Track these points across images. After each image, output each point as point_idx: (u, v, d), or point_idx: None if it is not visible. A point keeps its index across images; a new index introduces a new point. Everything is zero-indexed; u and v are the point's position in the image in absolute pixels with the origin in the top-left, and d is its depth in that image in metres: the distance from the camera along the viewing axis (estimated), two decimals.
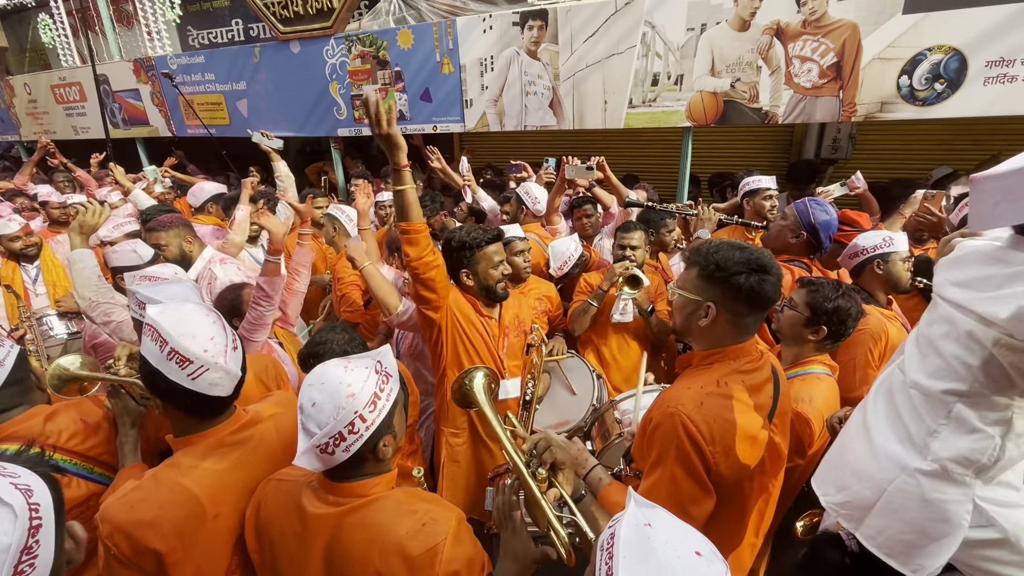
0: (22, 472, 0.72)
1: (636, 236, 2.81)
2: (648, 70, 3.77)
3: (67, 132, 7.54)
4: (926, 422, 0.96)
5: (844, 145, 5.46)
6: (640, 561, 0.73)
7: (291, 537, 1.17)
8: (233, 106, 5.89)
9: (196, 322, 1.20)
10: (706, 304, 1.31)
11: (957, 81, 3.03)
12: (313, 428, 1.06)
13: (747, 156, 5.96)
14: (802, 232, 2.53)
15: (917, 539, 0.95)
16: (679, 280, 1.41)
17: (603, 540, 0.81)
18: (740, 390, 1.29)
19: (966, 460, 0.90)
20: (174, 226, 2.90)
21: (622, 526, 0.78)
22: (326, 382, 1.09)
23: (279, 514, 1.20)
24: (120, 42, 6.89)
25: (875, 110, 3.26)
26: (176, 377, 1.16)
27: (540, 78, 4.16)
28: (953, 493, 0.90)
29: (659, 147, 6.12)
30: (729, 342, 1.34)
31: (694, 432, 1.21)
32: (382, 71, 4.79)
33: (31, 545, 0.67)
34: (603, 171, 3.31)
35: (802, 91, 3.40)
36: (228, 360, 1.22)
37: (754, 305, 1.29)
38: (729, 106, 3.63)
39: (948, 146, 5.09)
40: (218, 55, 5.78)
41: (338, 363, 1.13)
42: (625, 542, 0.76)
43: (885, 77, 3.18)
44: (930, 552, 0.93)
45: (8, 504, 0.66)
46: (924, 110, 3.16)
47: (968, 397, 0.91)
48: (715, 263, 1.29)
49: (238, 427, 1.33)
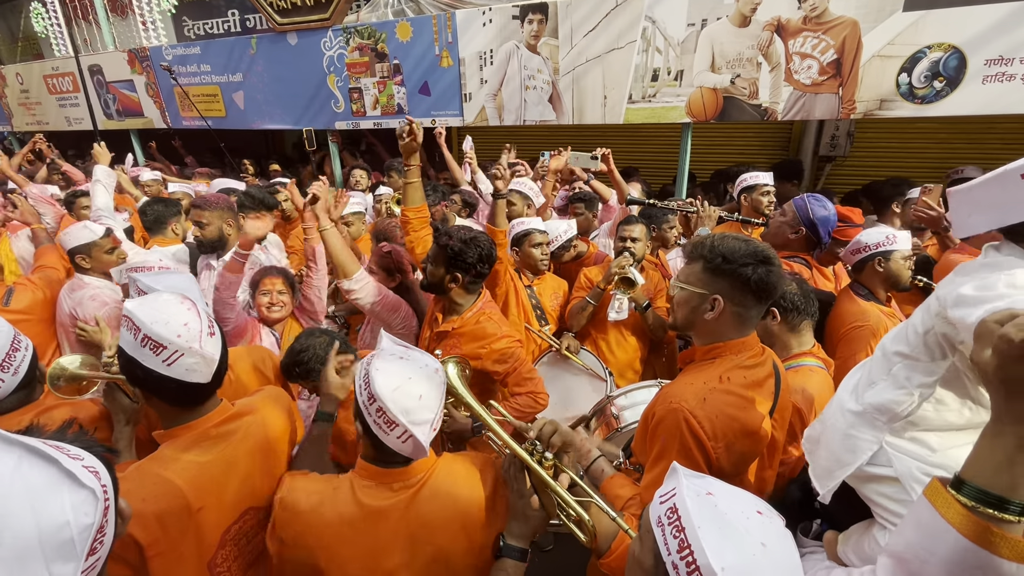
0: (84, 454, 0.75)
1: (637, 229, 2.82)
2: (648, 65, 3.76)
3: (60, 123, 7.47)
4: (871, 376, 1.13)
5: (843, 143, 5.48)
6: (721, 529, 0.75)
7: (358, 533, 1.20)
8: (229, 98, 5.84)
9: (169, 309, 1.20)
10: (712, 297, 1.31)
11: (956, 79, 3.03)
12: (428, 416, 1.16)
13: (746, 153, 5.97)
14: (801, 228, 2.54)
15: (831, 464, 1.15)
16: (681, 275, 1.40)
17: (658, 515, 0.81)
18: (743, 385, 1.30)
19: (884, 408, 1.06)
20: (218, 207, 2.89)
21: (684, 498, 0.79)
22: (425, 380, 1.18)
23: (330, 516, 1.21)
24: (114, 32, 6.81)
25: (874, 107, 3.26)
26: (151, 364, 1.16)
27: (540, 72, 4.14)
28: (866, 433, 1.08)
29: (658, 143, 6.12)
30: (732, 336, 1.34)
31: (696, 428, 1.22)
32: (380, 64, 4.75)
33: (103, 525, 0.72)
34: (607, 163, 3.31)
35: (802, 88, 3.40)
36: (204, 345, 1.21)
37: (760, 297, 1.30)
38: (729, 102, 3.62)
39: (946, 144, 5.10)
40: (214, 46, 5.72)
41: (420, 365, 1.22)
42: (696, 513, 0.77)
43: (885, 74, 3.18)
44: (836, 474, 1.13)
45: (89, 488, 0.70)
46: (923, 108, 3.17)
47: (908, 359, 1.06)
48: (721, 255, 1.29)
49: (222, 420, 1.33)
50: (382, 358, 1.20)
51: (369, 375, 1.15)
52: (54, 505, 0.67)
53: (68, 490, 0.68)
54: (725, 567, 0.71)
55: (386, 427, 1.13)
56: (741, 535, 0.74)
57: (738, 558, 0.72)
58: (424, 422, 1.14)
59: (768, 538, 0.75)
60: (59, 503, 0.67)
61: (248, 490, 1.34)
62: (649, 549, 0.82)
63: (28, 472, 0.67)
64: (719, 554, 0.72)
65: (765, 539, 0.75)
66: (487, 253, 2.05)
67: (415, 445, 1.14)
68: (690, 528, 0.75)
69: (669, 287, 1.45)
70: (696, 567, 0.72)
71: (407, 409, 1.12)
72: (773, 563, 0.73)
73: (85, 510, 0.69)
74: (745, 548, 0.73)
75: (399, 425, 1.12)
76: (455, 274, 2.04)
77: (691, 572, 0.73)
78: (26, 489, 0.66)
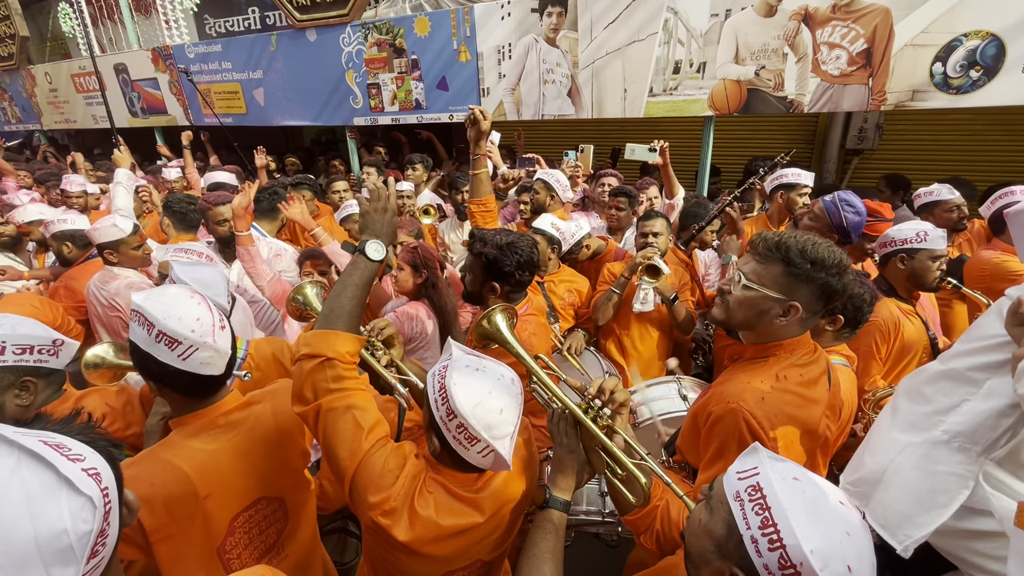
0: (86, 453, 0.74)
1: (658, 223, 2.78)
2: (670, 57, 3.69)
3: (87, 121, 7.64)
4: (951, 399, 0.96)
5: (871, 135, 5.33)
6: (809, 514, 0.79)
7: (470, 532, 1.19)
8: (250, 95, 5.90)
9: (181, 304, 1.22)
10: (790, 304, 1.25)
11: (994, 68, 2.91)
12: (509, 429, 1.12)
13: (770, 146, 5.84)
14: (833, 235, 2.46)
15: (911, 509, 0.96)
16: (753, 275, 1.30)
17: (737, 490, 0.86)
18: (799, 384, 1.28)
19: (977, 433, 0.90)
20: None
21: (771, 479, 0.83)
22: (504, 392, 1.14)
23: (442, 517, 1.17)
24: (139, 31, 6.93)
25: (906, 99, 3.15)
26: (166, 358, 1.18)
27: (559, 66, 4.09)
28: (956, 464, 0.91)
29: (680, 137, 5.98)
30: (791, 336, 1.31)
31: (756, 428, 1.21)
32: (398, 59, 4.75)
33: (104, 528, 0.71)
34: (663, 157, 3.25)
35: (829, 79, 3.30)
36: (217, 339, 1.22)
37: (831, 303, 1.27)
38: (753, 95, 3.54)
39: (980, 137, 4.92)
40: (235, 43, 5.78)
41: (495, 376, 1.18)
42: (784, 495, 0.80)
43: (917, 64, 3.07)
44: (921, 522, 0.94)
45: (87, 496, 0.69)
46: (958, 98, 3.05)
47: (1000, 369, 0.90)
48: (811, 261, 1.23)
49: (231, 409, 1.34)
50: (458, 371, 1.13)
51: (448, 390, 1.10)
52: (52, 512, 0.66)
53: (66, 497, 0.67)
54: (814, 550, 0.75)
55: (467, 443, 1.09)
56: (828, 521, 0.79)
57: (825, 542, 0.76)
58: (505, 436, 1.10)
59: (852, 527, 0.79)
60: (57, 510, 0.66)
61: (258, 479, 1.35)
62: (722, 520, 0.87)
63: (26, 476, 0.66)
64: (807, 536, 0.76)
65: (849, 528, 0.79)
66: (527, 259, 1.92)
67: (496, 459, 1.11)
68: (777, 508, 0.80)
69: (725, 281, 1.37)
70: (781, 545, 0.77)
71: (489, 425, 1.08)
72: (857, 549, 0.77)
73: (84, 516, 0.68)
74: (832, 534, 0.77)
75: (481, 441, 1.08)
76: (492, 284, 1.93)
77: (773, 549, 0.78)
78: (24, 495, 0.65)
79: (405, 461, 1.17)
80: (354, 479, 1.13)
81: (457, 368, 1.14)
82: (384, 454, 1.15)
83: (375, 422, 1.18)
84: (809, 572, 0.75)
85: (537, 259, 2.01)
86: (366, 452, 1.14)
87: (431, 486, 1.16)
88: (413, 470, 1.17)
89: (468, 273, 2.04)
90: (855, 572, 0.76)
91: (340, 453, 1.14)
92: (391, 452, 1.17)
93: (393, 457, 1.16)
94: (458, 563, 1.21)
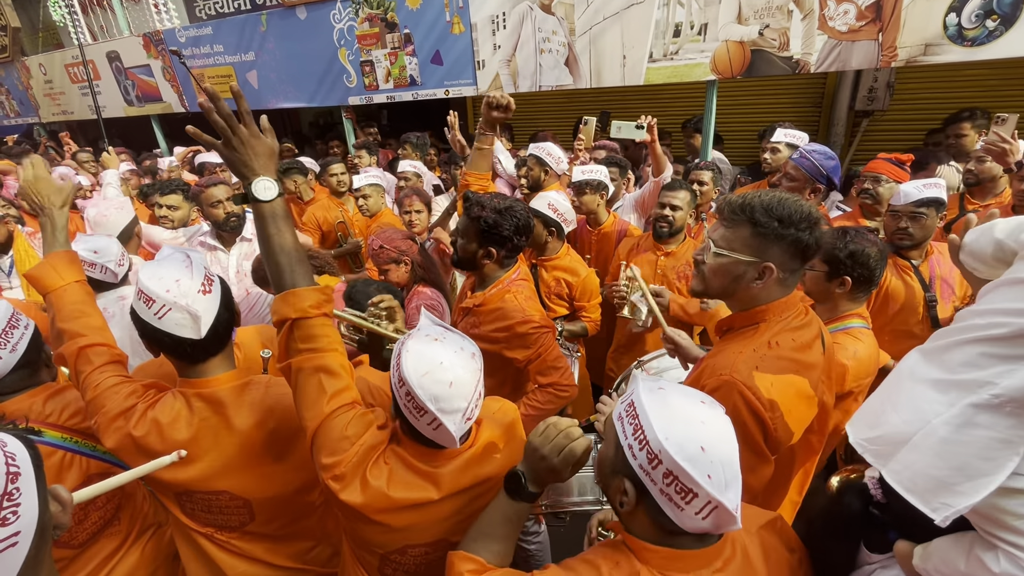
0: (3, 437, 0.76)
1: (680, 195, 2.61)
2: (669, 20, 3.54)
3: (84, 112, 7.58)
4: (1002, 363, 0.83)
5: (881, 95, 5.13)
6: (666, 410, 0.89)
7: (425, 507, 1.18)
8: (243, 78, 5.79)
9: (167, 266, 1.25)
10: (764, 265, 1.21)
11: (1012, 17, 2.76)
12: (460, 404, 1.09)
13: (776, 111, 5.67)
14: (819, 185, 2.52)
15: (949, 476, 0.85)
16: (722, 240, 1.27)
17: (619, 412, 0.96)
18: (793, 349, 1.24)
19: None
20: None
21: (640, 393, 0.93)
22: (459, 365, 1.11)
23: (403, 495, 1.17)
24: (128, 17, 6.81)
25: (918, 53, 3.01)
26: (145, 316, 1.22)
27: (555, 34, 3.95)
28: (1005, 429, 0.79)
29: (682, 103, 5.85)
30: (774, 298, 1.27)
31: (752, 400, 1.17)
32: (391, 34, 4.62)
33: (12, 491, 0.71)
34: (651, 134, 3.10)
35: (837, 36, 3.16)
36: (192, 301, 1.22)
37: (808, 259, 1.24)
38: (757, 56, 3.40)
39: (996, 92, 4.71)
40: (226, 25, 5.66)
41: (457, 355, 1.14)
42: (648, 403, 0.90)
43: (931, 16, 2.91)
44: (962, 491, 0.82)
45: None
46: (973, 51, 2.90)
47: None
48: (779, 219, 1.18)
49: (229, 387, 1.32)
50: (416, 338, 1.12)
51: (400, 356, 1.10)
52: None
53: None
54: (668, 437, 0.85)
55: (416, 412, 1.08)
56: (684, 415, 0.89)
57: (679, 430, 0.86)
58: (456, 411, 1.07)
59: (707, 417, 0.90)
60: None
61: (249, 455, 1.33)
62: (611, 442, 0.96)
63: None
64: (663, 429, 0.86)
65: (704, 418, 0.89)
66: (524, 223, 1.88)
67: (445, 435, 1.08)
68: (642, 414, 0.89)
69: (698, 251, 1.31)
70: (646, 442, 0.87)
71: (436, 396, 1.05)
72: (710, 434, 0.87)
73: None
74: (688, 424, 0.87)
75: (428, 412, 1.05)
76: (489, 249, 1.88)
77: (642, 448, 0.88)
78: None
79: (366, 430, 1.18)
80: (313, 440, 1.17)
81: (416, 336, 1.14)
82: (345, 420, 1.17)
83: (342, 387, 1.19)
84: (669, 459, 0.84)
85: (532, 223, 1.95)
86: (327, 415, 1.16)
87: (389, 457, 1.17)
88: (372, 440, 1.18)
89: (461, 238, 1.94)
90: (709, 450, 0.84)
91: (304, 414, 1.18)
92: (354, 419, 1.18)
93: (355, 424, 1.17)
94: (417, 537, 1.20)
